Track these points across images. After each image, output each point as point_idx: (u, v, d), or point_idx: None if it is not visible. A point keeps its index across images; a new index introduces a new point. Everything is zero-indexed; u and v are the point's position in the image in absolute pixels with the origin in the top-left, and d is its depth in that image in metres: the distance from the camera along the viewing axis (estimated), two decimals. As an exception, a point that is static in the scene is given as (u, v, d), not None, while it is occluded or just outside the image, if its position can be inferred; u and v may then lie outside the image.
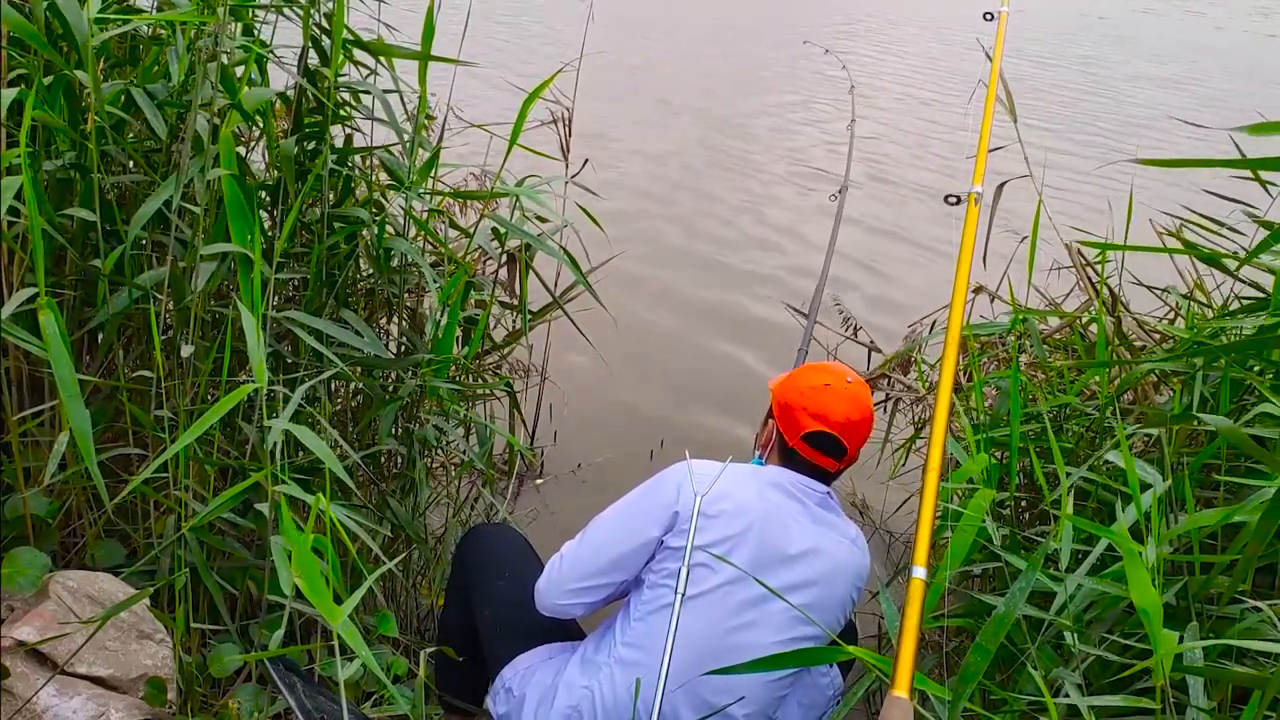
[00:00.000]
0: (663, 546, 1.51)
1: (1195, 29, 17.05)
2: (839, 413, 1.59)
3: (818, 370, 1.68)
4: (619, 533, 1.56)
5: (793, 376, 1.68)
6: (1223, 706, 1.28)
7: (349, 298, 2.14)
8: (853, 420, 1.60)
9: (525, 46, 9.50)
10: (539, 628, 1.67)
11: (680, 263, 4.95)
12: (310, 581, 1.02)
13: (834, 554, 1.56)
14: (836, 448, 1.60)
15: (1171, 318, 2.28)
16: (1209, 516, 1.36)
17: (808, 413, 1.60)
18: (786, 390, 1.65)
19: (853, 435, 1.60)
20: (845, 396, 1.61)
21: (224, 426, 1.69)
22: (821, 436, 1.59)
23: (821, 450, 1.60)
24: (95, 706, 1.37)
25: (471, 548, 1.83)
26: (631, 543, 1.54)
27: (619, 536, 1.55)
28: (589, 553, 1.57)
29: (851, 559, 1.59)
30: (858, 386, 1.64)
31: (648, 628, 1.49)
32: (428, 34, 1.92)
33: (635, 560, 1.54)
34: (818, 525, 1.57)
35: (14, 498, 1.56)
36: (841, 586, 1.57)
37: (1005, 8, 2.30)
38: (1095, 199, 2.36)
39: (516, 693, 1.61)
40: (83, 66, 1.55)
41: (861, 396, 1.63)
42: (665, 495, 1.54)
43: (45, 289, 1.39)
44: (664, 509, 1.52)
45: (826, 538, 1.57)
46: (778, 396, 1.67)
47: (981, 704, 1.34)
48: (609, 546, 1.56)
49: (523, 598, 1.64)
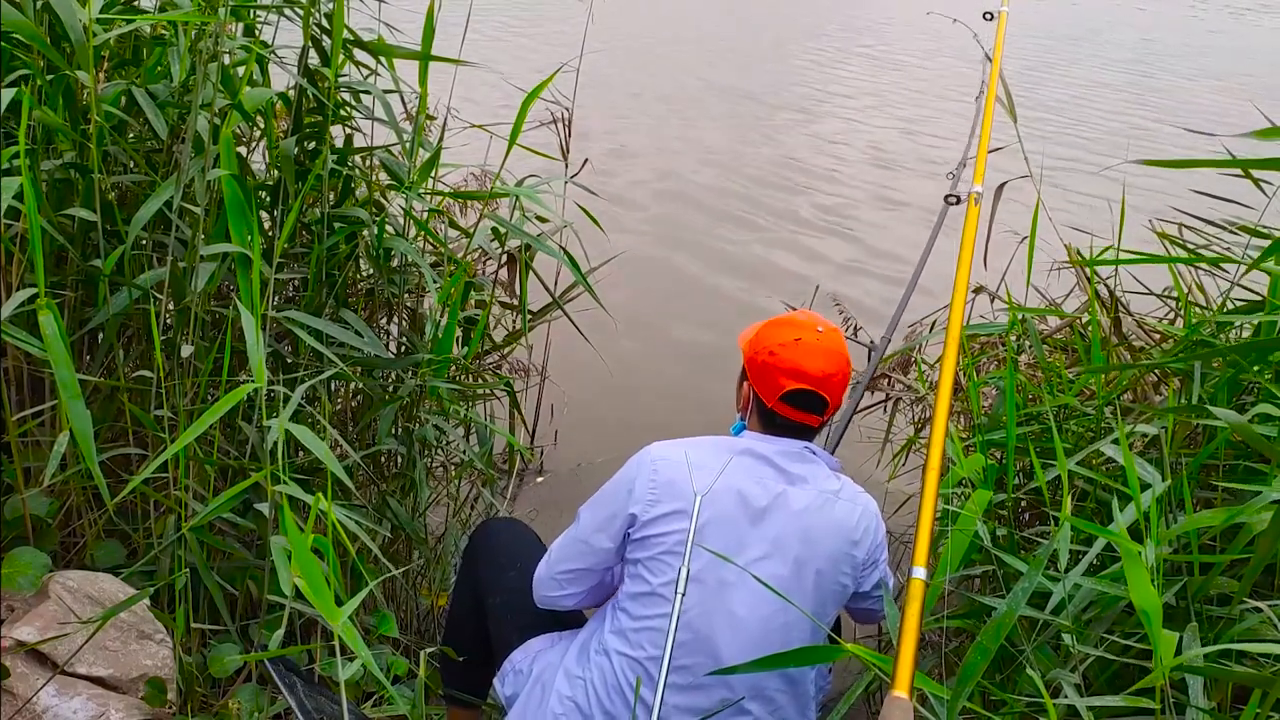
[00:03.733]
0: (630, 539, 1.52)
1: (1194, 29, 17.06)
2: (815, 367, 1.52)
3: (786, 324, 1.59)
4: (588, 527, 1.57)
5: (761, 334, 1.60)
6: (1223, 706, 1.28)
7: (349, 298, 2.14)
8: (829, 373, 1.53)
9: (525, 46, 9.50)
10: (549, 615, 1.68)
11: (681, 262, 4.95)
12: (310, 582, 1.03)
13: (809, 510, 1.49)
14: (817, 403, 1.55)
15: (1171, 318, 2.29)
16: (1210, 516, 1.36)
17: (782, 371, 1.53)
18: (757, 349, 1.58)
19: (832, 388, 1.54)
20: (819, 350, 1.54)
21: (224, 426, 1.69)
22: (800, 394, 1.53)
23: (801, 408, 1.54)
24: (95, 707, 1.37)
25: (484, 540, 1.84)
26: (599, 536, 1.55)
27: (588, 530, 1.57)
28: (568, 544, 1.60)
29: (833, 511, 1.50)
30: (830, 336, 1.57)
31: (628, 616, 1.50)
32: (428, 34, 1.92)
33: (605, 552, 1.55)
34: (792, 485, 1.51)
35: (14, 498, 1.56)
36: (827, 543, 1.49)
37: (1005, 7, 2.31)
38: (1095, 198, 2.36)
39: (525, 672, 1.62)
40: (84, 66, 1.55)
41: (835, 346, 1.56)
42: (621, 492, 1.53)
43: (45, 289, 1.39)
44: (623, 503, 1.52)
45: (800, 496, 1.50)
46: (749, 355, 1.59)
47: (981, 704, 1.34)
48: (581, 539, 1.58)
49: (532, 590, 1.66)
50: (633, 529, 1.51)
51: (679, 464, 1.51)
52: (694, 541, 1.39)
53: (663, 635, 1.43)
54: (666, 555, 1.47)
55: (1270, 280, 1.74)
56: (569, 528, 1.61)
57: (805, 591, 1.48)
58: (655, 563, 1.48)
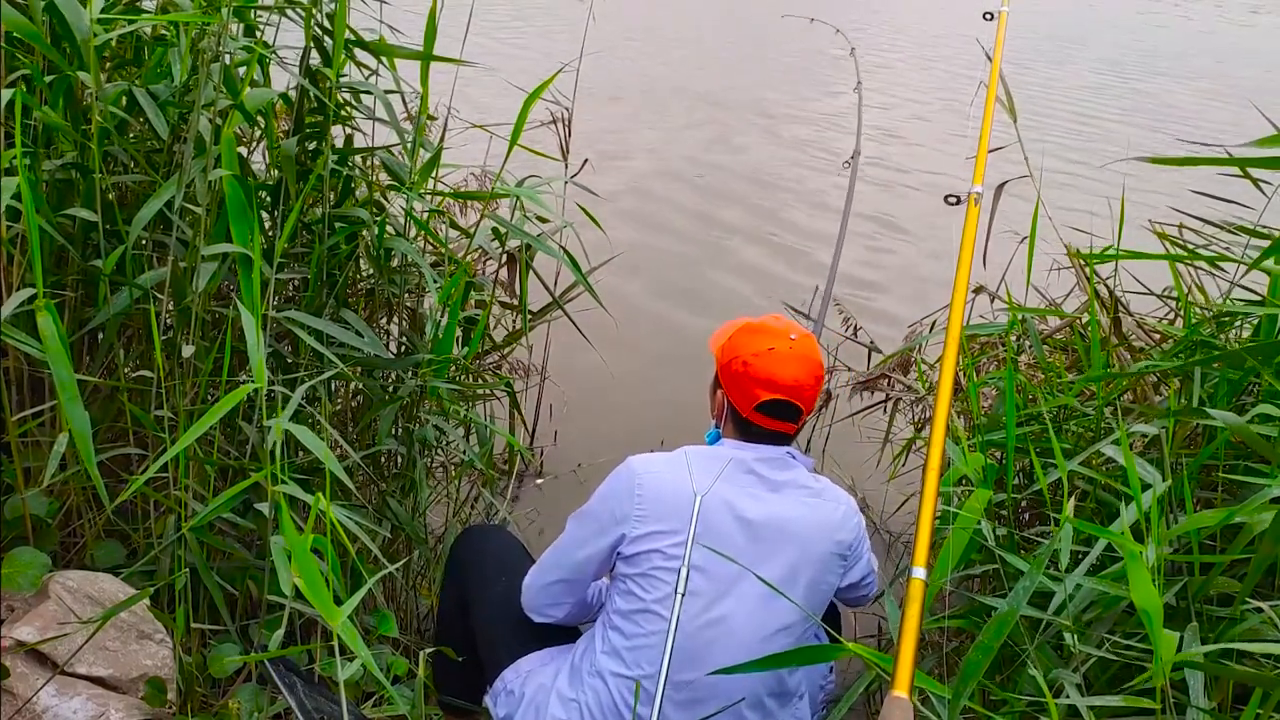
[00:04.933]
0: (620, 556, 1.51)
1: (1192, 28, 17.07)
2: (788, 376, 1.53)
3: (760, 332, 1.59)
4: (573, 541, 1.57)
5: (735, 341, 1.59)
6: (1223, 706, 1.28)
7: (349, 298, 2.15)
8: (803, 382, 1.54)
9: (526, 46, 9.50)
10: (539, 631, 1.67)
11: (683, 260, 4.95)
12: (310, 582, 1.03)
13: (798, 515, 1.51)
14: (792, 412, 1.55)
15: (1171, 318, 2.29)
16: (1211, 516, 1.36)
17: (757, 381, 1.53)
18: (731, 358, 1.58)
19: (806, 396, 1.55)
20: (791, 358, 1.54)
21: (224, 426, 1.69)
22: (775, 404, 1.54)
23: (776, 416, 1.55)
24: (95, 707, 1.37)
25: (468, 550, 1.83)
26: (583, 551, 1.55)
27: (572, 545, 1.57)
28: (555, 556, 1.60)
29: (819, 514, 1.52)
30: (803, 342, 1.57)
31: (621, 635, 1.49)
32: (430, 34, 1.92)
33: (591, 568, 1.56)
34: (776, 492, 1.52)
35: (14, 498, 1.56)
36: (818, 545, 1.51)
37: (1005, 8, 2.31)
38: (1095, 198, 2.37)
39: (517, 694, 1.61)
40: (85, 67, 1.55)
41: (808, 353, 1.57)
42: (605, 510, 1.53)
43: (45, 289, 1.39)
44: (609, 522, 1.52)
45: (787, 502, 1.51)
46: (723, 363, 1.60)
47: (982, 704, 1.34)
48: (569, 553, 1.57)
49: (520, 601, 1.65)
50: (622, 546, 1.50)
51: (664, 479, 1.51)
52: (688, 556, 1.40)
53: (658, 652, 1.43)
54: (659, 571, 1.47)
55: (1270, 280, 1.74)
56: (559, 538, 1.61)
57: (797, 596, 1.48)
58: (647, 579, 1.48)
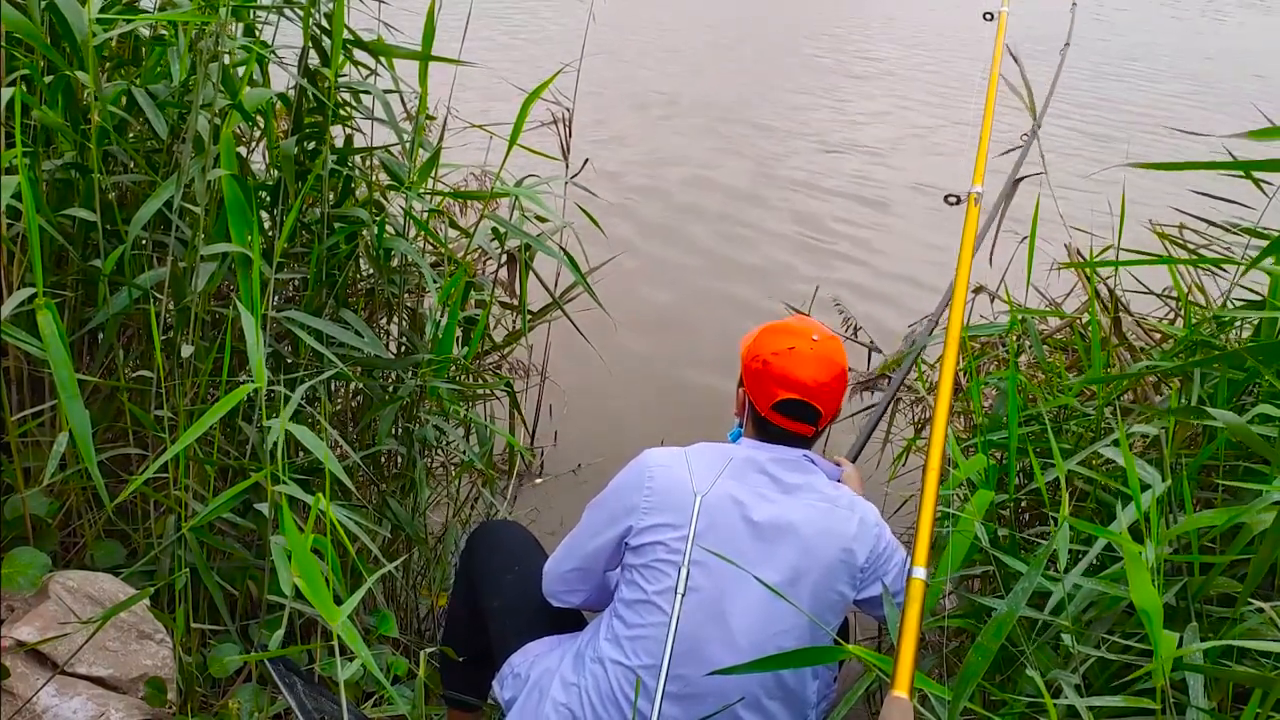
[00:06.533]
0: (628, 547, 1.52)
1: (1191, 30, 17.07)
2: (807, 376, 1.51)
3: (783, 331, 1.58)
4: (589, 529, 1.58)
5: (759, 340, 1.59)
6: (1223, 706, 1.28)
7: (349, 298, 2.15)
8: (822, 382, 1.52)
9: (526, 46, 9.50)
10: (548, 618, 1.68)
11: (683, 260, 4.95)
12: (310, 582, 1.03)
13: (805, 518, 1.49)
14: (809, 413, 1.54)
15: (1171, 318, 2.29)
16: (1212, 517, 1.36)
17: (775, 379, 1.52)
18: (751, 356, 1.57)
19: (825, 397, 1.54)
20: (812, 358, 1.52)
21: (224, 426, 1.69)
22: (792, 403, 1.52)
23: (793, 417, 1.54)
24: (95, 707, 1.37)
25: (481, 542, 1.84)
26: (596, 539, 1.56)
27: (588, 533, 1.58)
28: (572, 544, 1.61)
29: (828, 520, 1.49)
30: (825, 344, 1.55)
31: (623, 624, 1.50)
32: (428, 34, 1.92)
33: (602, 557, 1.56)
34: (788, 495, 1.51)
35: (14, 498, 1.56)
36: (823, 551, 1.48)
37: (1005, 8, 2.31)
38: (1095, 198, 2.37)
39: (524, 676, 1.62)
40: (84, 67, 1.55)
41: (830, 354, 1.55)
42: (617, 500, 1.54)
43: (45, 289, 1.39)
44: (619, 512, 1.53)
45: (797, 505, 1.50)
46: (746, 361, 1.59)
47: (981, 704, 1.34)
48: (582, 542, 1.59)
49: (532, 590, 1.66)
50: (629, 537, 1.51)
51: (675, 472, 1.51)
52: (688, 554, 1.40)
53: (657, 644, 1.43)
54: (661, 563, 1.47)
55: (1270, 280, 1.74)
56: (576, 525, 1.62)
57: (801, 601, 1.47)
58: (650, 570, 1.48)
